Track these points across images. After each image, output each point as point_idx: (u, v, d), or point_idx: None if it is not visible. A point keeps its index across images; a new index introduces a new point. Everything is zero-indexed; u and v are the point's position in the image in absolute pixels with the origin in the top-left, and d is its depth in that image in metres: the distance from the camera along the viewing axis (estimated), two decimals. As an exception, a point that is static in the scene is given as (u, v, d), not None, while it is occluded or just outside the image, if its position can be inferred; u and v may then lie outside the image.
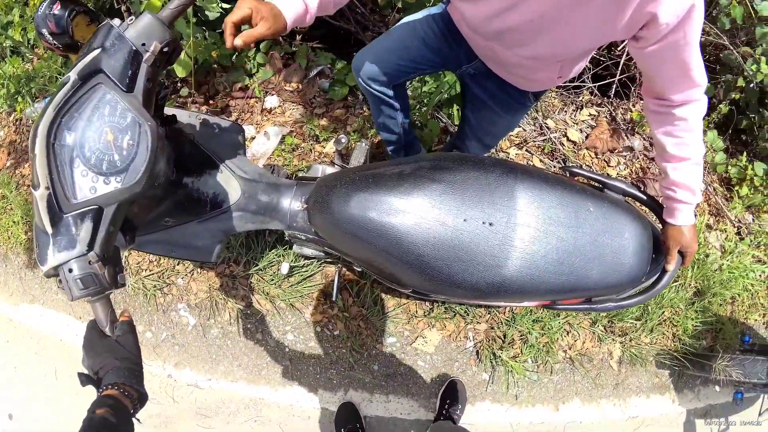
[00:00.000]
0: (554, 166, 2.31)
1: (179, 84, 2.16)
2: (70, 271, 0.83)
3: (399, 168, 1.15)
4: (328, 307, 1.93)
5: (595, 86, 2.48)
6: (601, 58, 2.43)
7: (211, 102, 2.22)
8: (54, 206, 0.84)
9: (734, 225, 2.62)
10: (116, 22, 0.88)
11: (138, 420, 0.78)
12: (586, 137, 2.44)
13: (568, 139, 2.39)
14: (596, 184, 1.26)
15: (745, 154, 2.68)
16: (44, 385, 2.00)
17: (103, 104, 0.87)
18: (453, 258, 1.05)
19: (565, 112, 2.50)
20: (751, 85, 2.51)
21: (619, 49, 2.35)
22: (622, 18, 0.88)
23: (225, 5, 1.91)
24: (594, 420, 2.08)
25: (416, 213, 1.05)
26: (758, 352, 2.14)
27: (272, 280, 1.91)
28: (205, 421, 1.90)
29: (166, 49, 0.91)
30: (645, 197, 1.28)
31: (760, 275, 2.61)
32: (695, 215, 1.13)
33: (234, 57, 2.18)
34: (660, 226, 1.24)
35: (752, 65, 2.41)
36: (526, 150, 2.28)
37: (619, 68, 2.38)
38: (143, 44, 0.88)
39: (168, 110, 1.30)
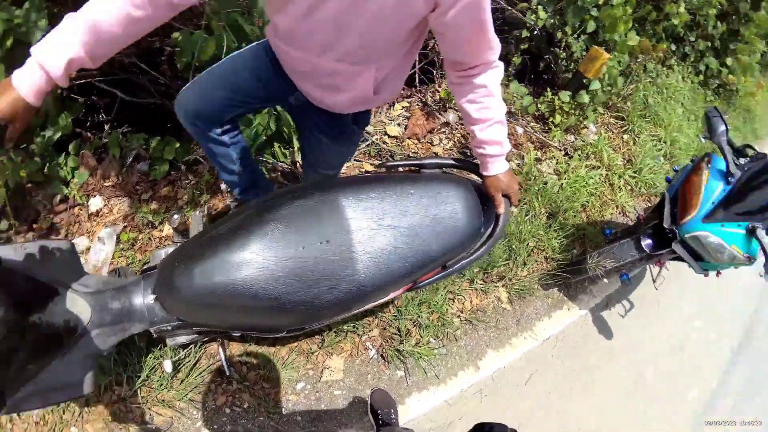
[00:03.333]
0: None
1: (-5, 220, 2.01)
2: None
3: (228, 224, 1.17)
4: (227, 384, 1.91)
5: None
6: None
7: (35, 225, 2.08)
8: None
9: (560, 149, 2.95)
10: None
11: None
12: (405, 128, 2.65)
13: (390, 136, 2.59)
14: (413, 168, 1.38)
15: (549, 89, 3.05)
16: None
17: None
18: (307, 285, 1.09)
19: (380, 113, 2.71)
20: (535, 32, 2.91)
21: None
22: None
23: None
24: (514, 358, 2.23)
25: (258, 259, 1.07)
26: (621, 237, 2.37)
27: (161, 384, 1.86)
28: None
29: None
30: (458, 162, 1.41)
31: (599, 178, 2.96)
32: (507, 162, 1.27)
33: (45, 169, 2.07)
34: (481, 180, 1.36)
35: (532, 16, 2.81)
36: (355, 159, 2.44)
37: (417, 58, 2.62)
38: None
39: None
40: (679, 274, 3.20)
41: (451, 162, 1.39)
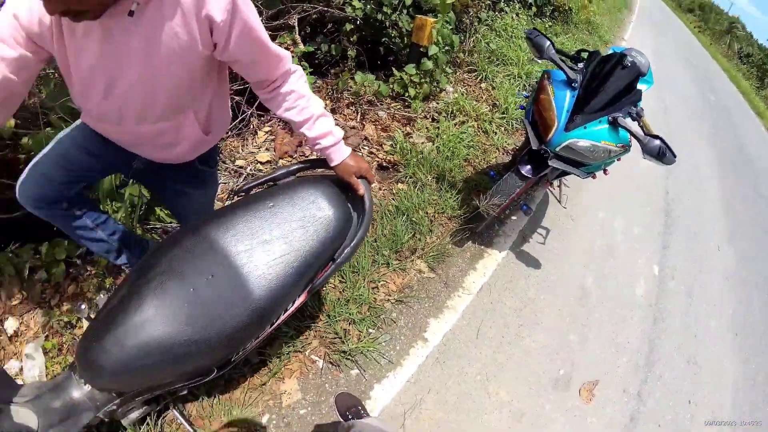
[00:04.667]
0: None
1: None
2: None
3: (119, 294, 1.21)
4: (195, 450, 1.90)
5: (253, 109, 2.77)
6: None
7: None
8: None
9: (426, 118, 3.16)
10: None
11: None
12: (275, 150, 2.73)
13: (262, 163, 2.65)
14: (270, 183, 1.47)
15: (395, 69, 3.24)
16: None
17: None
18: (210, 321, 1.15)
19: (246, 145, 2.76)
20: (358, 22, 3.06)
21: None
22: (193, 38, 1.01)
23: None
24: (456, 318, 2.35)
25: (156, 315, 1.13)
26: (502, 174, 2.48)
27: (129, 478, 1.82)
28: None
29: None
30: (307, 164, 1.50)
31: (472, 130, 3.20)
32: (345, 148, 1.37)
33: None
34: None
35: (349, 9, 2.95)
36: (236, 196, 2.48)
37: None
38: None
39: None
40: (581, 187, 3.51)
41: (300, 166, 1.49)
